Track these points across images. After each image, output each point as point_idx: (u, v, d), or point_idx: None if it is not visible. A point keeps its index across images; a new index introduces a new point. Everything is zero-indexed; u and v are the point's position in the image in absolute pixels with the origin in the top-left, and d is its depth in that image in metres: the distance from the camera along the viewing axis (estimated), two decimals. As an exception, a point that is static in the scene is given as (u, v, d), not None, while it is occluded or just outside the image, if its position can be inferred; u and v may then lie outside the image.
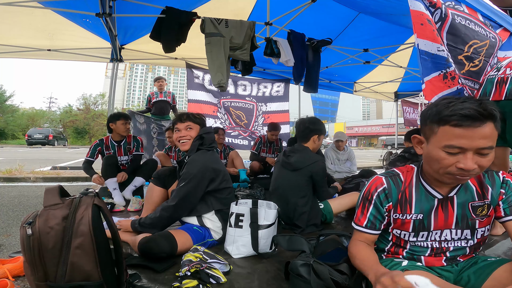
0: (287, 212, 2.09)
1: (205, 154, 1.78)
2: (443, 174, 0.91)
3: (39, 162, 7.41)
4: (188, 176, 1.65)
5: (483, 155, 0.84)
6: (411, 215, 1.02)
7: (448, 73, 1.59)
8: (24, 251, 0.97)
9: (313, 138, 2.21)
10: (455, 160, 0.86)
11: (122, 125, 3.11)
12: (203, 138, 1.81)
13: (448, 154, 0.86)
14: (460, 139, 0.83)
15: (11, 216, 2.41)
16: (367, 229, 1.07)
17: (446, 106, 0.85)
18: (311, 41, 3.49)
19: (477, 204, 1.00)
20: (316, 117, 2.44)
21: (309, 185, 2.12)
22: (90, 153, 3.12)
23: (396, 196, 1.04)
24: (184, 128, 1.83)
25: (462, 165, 0.84)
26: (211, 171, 1.72)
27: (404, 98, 6.89)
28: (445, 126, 0.85)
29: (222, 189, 1.78)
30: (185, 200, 1.66)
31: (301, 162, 2.10)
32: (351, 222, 1.15)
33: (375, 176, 1.09)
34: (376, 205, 1.04)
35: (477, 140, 0.82)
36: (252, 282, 1.34)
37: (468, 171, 0.85)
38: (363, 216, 1.07)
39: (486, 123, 0.81)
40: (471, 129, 0.81)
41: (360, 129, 47.87)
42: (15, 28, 3.34)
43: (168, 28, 2.67)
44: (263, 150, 4.41)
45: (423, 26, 1.56)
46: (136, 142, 3.27)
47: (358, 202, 1.11)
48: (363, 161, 10.62)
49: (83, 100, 29.66)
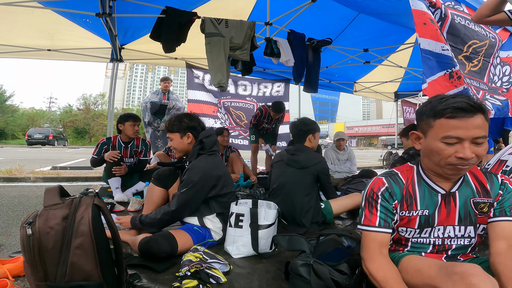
0: (292, 211, 2.11)
1: (206, 159, 1.75)
2: (444, 165, 0.94)
3: (39, 162, 7.41)
4: (189, 183, 1.64)
5: (478, 144, 0.90)
6: (417, 211, 1.03)
7: (454, 73, 1.58)
8: (24, 251, 0.97)
9: (308, 138, 2.27)
10: (453, 150, 0.91)
11: (131, 127, 3.06)
12: (203, 143, 1.77)
13: (447, 144, 0.91)
14: (456, 129, 0.89)
15: (11, 216, 2.41)
16: (381, 228, 1.02)
17: (439, 101, 0.93)
18: (311, 41, 3.49)
19: (480, 201, 1.00)
20: (307, 117, 2.48)
21: (314, 183, 2.17)
22: (97, 151, 3.08)
23: (400, 194, 1.04)
24: (169, 138, 1.85)
25: (461, 154, 0.89)
26: (213, 178, 1.70)
27: (404, 98, 6.89)
28: (440, 119, 0.91)
29: (223, 194, 1.77)
30: (185, 206, 1.66)
31: (308, 160, 2.16)
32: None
33: (374, 177, 1.09)
34: (383, 202, 1.03)
35: (472, 129, 0.88)
36: (252, 282, 1.34)
37: (467, 160, 0.89)
38: (373, 216, 1.03)
39: (478, 114, 0.88)
40: (465, 119, 0.88)
41: (360, 129, 47.88)
42: (15, 28, 3.34)
43: (168, 28, 2.67)
44: (262, 122, 4.35)
45: (426, 26, 1.55)
46: (145, 146, 3.24)
47: (362, 204, 1.08)
48: (363, 161, 10.62)
49: (83, 100, 29.67)
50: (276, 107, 4.13)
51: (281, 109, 4.17)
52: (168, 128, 1.84)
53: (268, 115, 4.27)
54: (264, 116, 4.27)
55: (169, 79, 4.92)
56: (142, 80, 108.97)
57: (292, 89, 5.69)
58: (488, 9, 1.52)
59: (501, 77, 1.96)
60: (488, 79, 1.90)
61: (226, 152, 3.95)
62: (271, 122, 4.40)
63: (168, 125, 1.85)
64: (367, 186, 1.09)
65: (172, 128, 1.82)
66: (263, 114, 4.25)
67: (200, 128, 1.86)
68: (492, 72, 1.93)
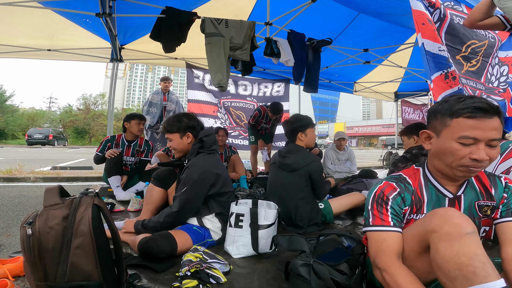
0: (288, 213, 2.09)
1: (205, 157, 1.75)
2: (456, 167, 0.92)
3: (39, 162, 7.41)
4: (189, 182, 1.64)
5: (492, 147, 0.88)
6: (423, 215, 1.01)
7: (449, 73, 1.59)
8: (24, 251, 0.97)
9: (298, 136, 2.18)
10: (468, 151, 0.88)
11: (136, 125, 3.16)
12: (202, 141, 1.77)
13: (462, 145, 0.89)
14: (474, 130, 0.87)
15: (11, 216, 2.41)
16: (396, 228, 0.96)
17: (457, 101, 0.90)
18: (311, 41, 3.49)
19: (484, 204, 1.00)
20: (298, 113, 2.40)
21: (308, 185, 2.11)
22: (101, 148, 3.14)
23: (409, 198, 1.02)
24: (168, 139, 1.83)
25: (476, 156, 0.87)
26: (212, 176, 1.70)
27: (404, 98, 6.89)
28: (458, 118, 0.89)
29: (222, 193, 1.76)
30: (187, 205, 1.65)
31: (298, 163, 2.09)
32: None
33: (383, 181, 1.05)
34: (394, 206, 0.99)
35: (489, 131, 0.86)
36: (252, 282, 1.34)
37: (481, 162, 0.88)
38: (385, 216, 0.97)
39: (495, 116, 0.87)
40: (483, 120, 0.86)
41: (360, 129, 47.87)
42: (15, 28, 3.34)
43: (168, 28, 2.67)
44: (261, 122, 4.34)
45: (425, 26, 1.56)
46: (147, 147, 3.30)
47: (369, 206, 1.03)
48: (363, 161, 10.62)
49: (83, 100, 29.69)
50: (274, 108, 4.13)
51: (279, 110, 4.17)
52: (167, 128, 1.83)
53: (266, 116, 4.27)
54: (263, 116, 4.27)
55: (169, 79, 4.90)
56: (142, 80, 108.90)
57: (292, 89, 5.69)
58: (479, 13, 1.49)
59: (498, 77, 1.96)
60: (486, 79, 1.90)
61: (227, 152, 3.95)
62: (269, 123, 4.40)
63: (167, 125, 1.83)
64: (375, 188, 1.04)
65: (171, 129, 1.81)
66: (262, 114, 4.25)
67: (199, 127, 1.85)
68: (489, 72, 1.93)
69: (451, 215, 0.83)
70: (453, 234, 0.80)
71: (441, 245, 0.81)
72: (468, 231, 0.79)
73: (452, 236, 0.80)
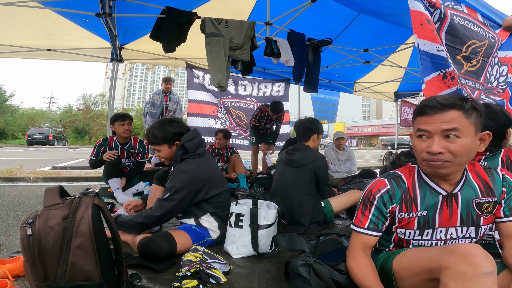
0: (291, 210, 2.11)
1: (191, 163, 1.68)
2: (421, 162, 0.98)
3: (39, 162, 7.41)
4: (172, 189, 1.61)
5: (450, 138, 0.91)
6: (416, 213, 1.02)
7: (448, 73, 1.58)
8: (24, 251, 0.97)
9: (313, 137, 2.28)
10: (425, 146, 0.94)
11: (120, 126, 3.04)
12: (185, 148, 1.71)
13: (420, 139, 0.96)
14: (426, 124, 0.94)
15: (11, 216, 2.41)
16: (369, 231, 1.06)
17: (422, 101, 0.99)
18: (311, 41, 3.48)
19: (483, 201, 1.00)
20: (315, 117, 2.50)
21: (313, 182, 2.16)
22: (95, 153, 3.08)
23: (399, 196, 1.04)
24: (156, 150, 1.78)
25: (428, 149, 0.93)
26: (197, 183, 1.65)
27: (404, 98, 6.88)
28: (417, 116, 0.98)
29: (213, 196, 1.73)
30: (169, 213, 1.64)
31: (304, 159, 2.16)
32: (350, 222, 1.14)
33: (377, 178, 1.09)
34: (379, 205, 1.04)
35: (439, 123, 0.91)
36: (252, 282, 1.34)
37: (435, 155, 0.91)
38: (365, 217, 1.06)
39: (449, 110, 0.91)
40: (434, 115, 0.92)
41: (360, 129, 47.85)
42: (15, 28, 3.34)
43: (168, 28, 2.67)
44: (262, 121, 4.34)
45: (423, 26, 1.56)
46: (142, 148, 3.21)
47: (358, 203, 1.10)
48: (363, 161, 10.62)
49: (83, 100, 29.67)
50: (275, 107, 4.12)
51: (279, 109, 4.16)
52: (151, 141, 1.73)
53: (267, 115, 4.27)
54: (264, 115, 4.27)
55: (171, 79, 4.87)
56: (142, 80, 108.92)
57: (292, 89, 5.69)
58: None
59: (497, 77, 1.96)
60: (485, 79, 1.90)
61: (228, 153, 3.95)
62: (270, 122, 4.39)
63: (151, 137, 1.73)
64: (367, 186, 1.09)
65: (156, 141, 1.72)
66: (263, 113, 4.25)
67: (184, 130, 1.78)
68: (489, 72, 1.93)
69: (472, 253, 0.79)
70: (468, 274, 0.76)
71: (453, 284, 0.78)
72: (487, 271, 0.76)
73: (466, 277, 0.76)
